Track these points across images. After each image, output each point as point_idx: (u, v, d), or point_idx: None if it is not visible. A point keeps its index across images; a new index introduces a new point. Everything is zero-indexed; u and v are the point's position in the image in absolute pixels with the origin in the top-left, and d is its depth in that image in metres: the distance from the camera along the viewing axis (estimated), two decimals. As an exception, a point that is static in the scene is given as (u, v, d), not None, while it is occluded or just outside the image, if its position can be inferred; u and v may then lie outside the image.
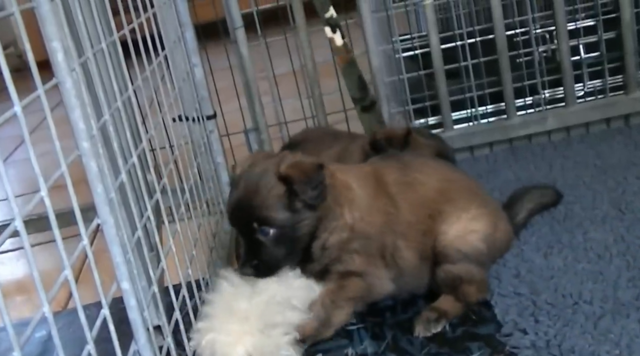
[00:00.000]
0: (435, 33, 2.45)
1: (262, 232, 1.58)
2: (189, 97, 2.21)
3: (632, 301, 1.53)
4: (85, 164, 1.06)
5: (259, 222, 1.57)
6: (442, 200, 1.68)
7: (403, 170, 1.72)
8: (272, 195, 1.56)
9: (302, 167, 1.58)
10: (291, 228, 1.58)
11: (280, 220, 1.57)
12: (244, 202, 1.60)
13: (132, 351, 1.14)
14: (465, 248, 1.63)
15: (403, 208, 1.67)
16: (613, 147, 2.37)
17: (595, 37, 2.59)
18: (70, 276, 0.92)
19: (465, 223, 1.64)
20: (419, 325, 1.59)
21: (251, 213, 1.58)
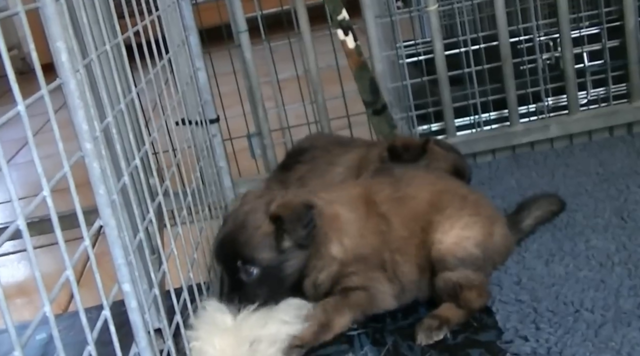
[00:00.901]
0: (439, 39, 2.45)
1: (245, 271, 1.60)
2: (192, 100, 2.22)
3: (633, 310, 1.52)
4: (88, 165, 1.06)
5: (243, 261, 1.60)
6: (433, 210, 1.68)
7: (394, 186, 1.74)
8: (259, 234, 1.59)
9: (292, 206, 1.61)
10: (276, 269, 1.60)
11: (265, 260, 1.59)
12: (229, 239, 1.63)
13: (133, 353, 1.14)
14: (460, 254, 1.62)
15: (395, 224, 1.68)
16: (615, 155, 2.37)
17: (599, 45, 2.59)
18: (71, 277, 0.92)
19: (458, 231, 1.64)
20: (420, 333, 1.58)
21: (236, 251, 1.61)
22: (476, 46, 2.56)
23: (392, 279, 1.67)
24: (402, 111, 2.59)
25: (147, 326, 1.14)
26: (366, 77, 2.23)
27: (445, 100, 2.51)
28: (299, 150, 2.26)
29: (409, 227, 1.68)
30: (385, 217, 1.69)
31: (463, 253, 1.63)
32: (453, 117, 2.53)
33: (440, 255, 1.63)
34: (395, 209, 1.70)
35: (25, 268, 2.47)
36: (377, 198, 1.71)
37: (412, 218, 1.68)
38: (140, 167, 1.41)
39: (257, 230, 1.59)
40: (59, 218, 0.93)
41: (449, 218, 1.66)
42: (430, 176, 1.82)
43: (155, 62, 1.69)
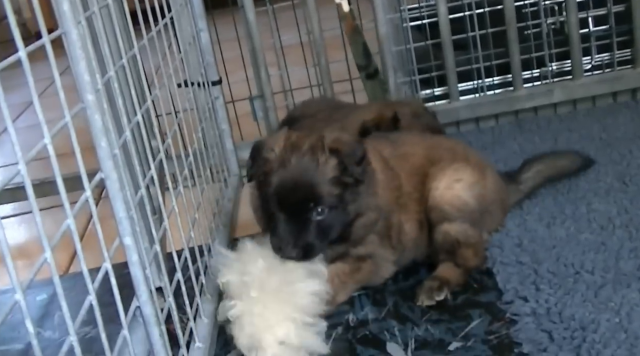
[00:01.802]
0: (443, 2, 2.42)
1: (317, 212, 1.54)
2: (195, 62, 2.21)
3: (633, 272, 1.53)
4: (90, 117, 1.06)
5: (316, 201, 1.53)
6: (428, 164, 1.72)
7: (393, 145, 1.76)
8: (327, 171, 1.53)
9: (346, 141, 1.58)
10: (343, 207, 1.56)
11: (335, 197, 1.54)
12: (298, 180, 1.54)
13: (134, 307, 1.14)
14: (456, 202, 1.65)
15: (402, 179, 1.69)
16: (619, 120, 2.36)
17: (604, 10, 2.57)
18: (72, 225, 0.92)
19: (450, 178, 1.67)
20: (422, 294, 1.59)
21: (309, 192, 1.54)
22: (480, 10, 2.54)
23: (395, 245, 1.68)
24: (405, 75, 2.57)
25: (147, 280, 1.14)
26: (359, 41, 2.23)
27: (448, 64, 2.49)
28: (289, 119, 2.26)
29: (411, 181, 1.70)
30: (395, 172, 1.69)
31: (458, 202, 1.65)
32: (456, 81, 2.51)
33: (435, 203, 1.66)
34: (400, 165, 1.71)
35: (25, 230, 2.48)
36: (385, 154, 1.71)
37: (413, 173, 1.70)
38: (142, 124, 1.40)
39: (324, 166, 1.53)
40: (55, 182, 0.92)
41: (442, 169, 1.69)
42: (420, 135, 1.86)
43: (158, 20, 1.68)
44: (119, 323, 1.10)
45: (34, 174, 0.87)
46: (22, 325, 1.75)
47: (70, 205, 0.94)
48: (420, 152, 1.74)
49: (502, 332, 1.44)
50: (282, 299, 1.49)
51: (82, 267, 0.93)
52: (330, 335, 1.54)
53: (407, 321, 1.54)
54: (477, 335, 1.44)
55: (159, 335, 1.15)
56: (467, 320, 1.50)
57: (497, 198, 1.76)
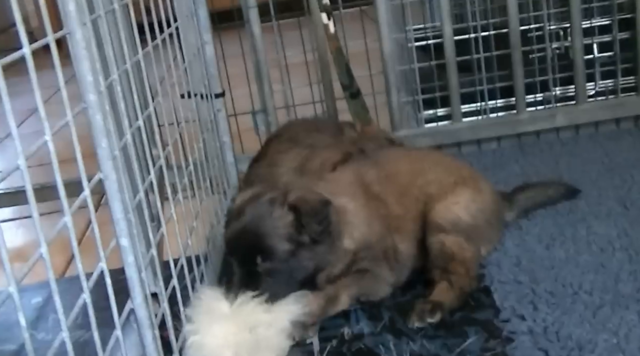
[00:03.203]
0: (449, 23, 2.44)
1: (263, 265, 1.55)
2: (198, 73, 2.21)
3: (632, 294, 1.52)
4: (91, 117, 1.06)
5: (263, 254, 1.55)
6: (416, 178, 1.73)
7: (377, 167, 1.76)
8: (280, 225, 1.55)
9: (309, 200, 1.59)
10: (294, 262, 1.57)
11: (285, 252, 1.55)
12: (248, 231, 1.57)
13: (128, 309, 1.13)
14: (450, 216, 1.67)
15: (390, 203, 1.70)
16: (621, 146, 2.36)
17: (609, 36, 2.58)
18: (69, 224, 0.91)
19: (449, 197, 1.69)
20: (414, 315, 1.57)
21: (256, 243, 1.56)
22: (486, 32, 2.55)
23: (392, 266, 1.68)
24: (408, 94, 2.58)
25: (143, 283, 1.13)
26: (342, 62, 2.25)
27: (452, 85, 2.50)
28: (270, 139, 2.29)
29: (402, 202, 1.70)
30: (380, 198, 1.70)
31: (453, 217, 1.67)
32: (459, 102, 2.52)
33: (432, 219, 1.68)
34: (386, 188, 1.71)
35: (23, 234, 2.48)
36: (367, 180, 1.72)
37: (403, 193, 1.71)
38: (144, 129, 1.40)
39: (278, 220, 1.55)
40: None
41: (433, 183, 1.71)
42: (403, 150, 1.90)
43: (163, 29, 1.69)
44: (113, 327, 1.09)
45: (34, 180, 0.86)
46: (16, 326, 1.74)
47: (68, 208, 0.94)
48: (405, 168, 1.75)
49: (498, 350, 1.42)
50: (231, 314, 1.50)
51: (77, 264, 0.92)
52: (324, 348, 1.53)
53: (402, 336, 1.53)
54: (473, 352, 1.43)
55: (152, 338, 1.14)
56: (463, 337, 1.49)
57: (495, 212, 1.77)
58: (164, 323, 1.35)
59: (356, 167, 1.77)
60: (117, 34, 1.39)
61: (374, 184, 1.71)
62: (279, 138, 2.24)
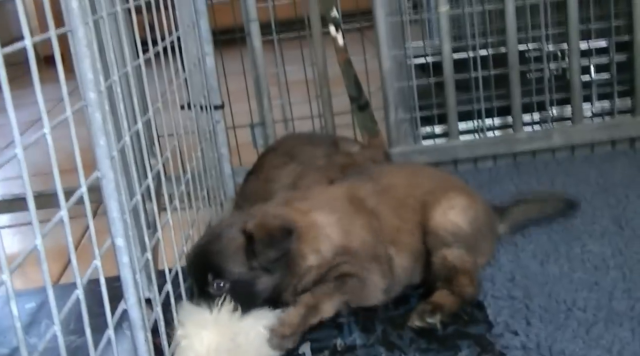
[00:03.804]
0: (448, 41, 2.45)
1: (215, 284, 1.55)
2: (199, 85, 2.22)
3: (626, 312, 1.51)
4: (90, 115, 1.06)
5: (214, 274, 1.55)
6: (413, 191, 1.73)
7: (371, 181, 1.77)
8: (231, 247, 1.56)
9: (269, 228, 1.58)
10: (247, 284, 1.56)
11: (235, 274, 1.55)
12: (201, 250, 1.59)
13: (121, 310, 1.13)
14: (449, 226, 1.67)
15: (385, 216, 1.70)
16: (616, 167, 2.37)
17: (606, 58, 2.59)
18: (65, 218, 0.91)
19: (444, 204, 1.70)
20: (414, 315, 1.58)
21: (207, 262, 1.57)
22: (484, 52, 2.56)
23: (385, 273, 1.67)
24: (406, 111, 2.59)
25: (136, 284, 1.13)
26: (351, 74, 2.26)
27: (450, 103, 2.51)
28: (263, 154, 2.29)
29: (399, 215, 1.70)
30: (374, 212, 1.70)
31: (453, 227, 1.67)
32: (457, 120, 2.53)
33: (431, 229, 1.68)
34: (381, 201, 1.71)
35: (20, 242, 2.47)
36: (361, 194, 1.72)
37: (399, 206, 1.71)
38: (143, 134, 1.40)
39: (230, 242, 1.56)
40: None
41: (436, 198, 1.71)
42: (398, 165, 1.93)
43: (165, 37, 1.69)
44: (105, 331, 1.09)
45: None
46: (9, 330, 1.75)
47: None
48: (401, 182, 1.76)
49: (491, 364, 1.43)
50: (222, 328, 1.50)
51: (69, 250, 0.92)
52: (316, 358, 1.53)
53: (395, 348, 1.52)
54: (466, 365, 1.43)
55: (144, 340, 1.14)
56: (456, 350, 1.48)
57: (488, 222, 1.77)
58: (157, 330, 1.35)
59: (351, 182, 1.77)
60: (118, 37, 1.40)
61: (369, 198, 1.72)
62: (274, 152, 2.25)
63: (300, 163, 2.10)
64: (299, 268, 1.60)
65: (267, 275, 1.56)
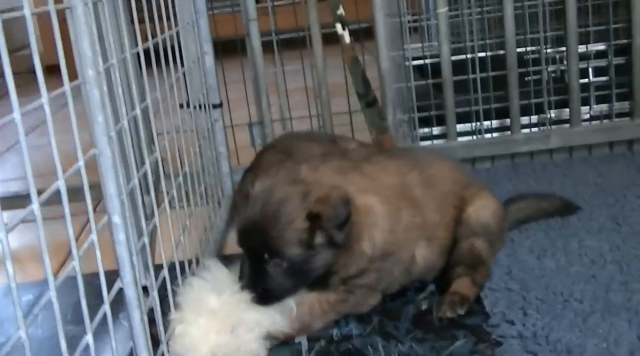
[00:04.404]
0: (446, 43, 2.46)
1: (273, 264, 1.49)
2: (198, 84, 2.23)
3: (623, 303, 1.51)
4: (89, 93, 1.06)
5: (271, 254, 1.48)
6: (460, 188, 1.72)
7: (419, 168, 1.70)
8: (292, 230, 1.46)
9: (331, 202, 1.47)
10: (305, 263, 1.49)
11: (295, 256, 1.47)
12: (259, 228, 1.49)
13: (117, 288, 1.13)
14: (482, 221, 1.68)
15: (429, 210, 1.64)
16: (615, 169, 2.37)
17: (605, 61, 2.60)
18: (63, 188, 0.91)
19: (479, 202, 1.71)
20: (444, 305, 1.57)
21: (265, 242, 1.48)
22: (483, 53, 2.57)
23: (397, 277, 1.63)
24: (404, 113, 2.59)
25: (133, 262, 1.13)
26: (358, 71, 2.26)
27: (448, 104, 2.51)
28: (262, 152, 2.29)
29: (441, 210, 1.66)
30: (419, 204, 1.62)
31: (485, 222, 1.68)
32: (455, 121, 2.53)
33: (465, 222, 1.69)
34: (427, 194, 1.65)
35: (18, 238, 2.47)
36: (409, 182, 1.64)
37: (443, 200, 1.68)
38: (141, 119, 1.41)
39: (291, 225, 1.46)
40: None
41: (473, 194, 1.72)
42: (431, 154, 1.89)
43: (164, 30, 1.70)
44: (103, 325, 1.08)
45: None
46: (6, 321, 1.75)
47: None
48: (447, 175, 1.73)
49: (488, 353, 1.42)
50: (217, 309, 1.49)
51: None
52: (312, 348, 1.52)
53: (391, 338, 1.52)
54: (462, 354, 1.43)
55: (140, 319, 1.13)
56: (452, 340, 1.48)
57: (505, 219, 1.80)
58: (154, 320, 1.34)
59: (398, 165, 1.68)
60: (117, 23, 1.40)
61: (416, 188, 1.64)
62: (272, 150, 2.25)
63: (297, 161, 2.10)
64: (357, 248, 1.53)
65: (325, 253, 1.49)
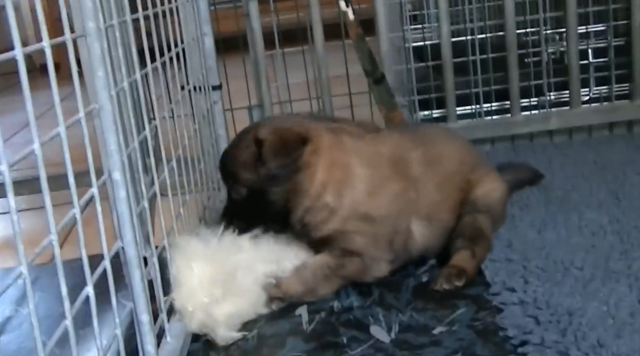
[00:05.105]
0: (446, 23, 2.46)
1: (235, 192, 1.63)
2: (196, 64, 2.22)
3: (623, 270, 1.51)
4: (89, 45, 1.06)
5: (233, 179, 1.62)
6: (468, 169, 1.73)
7: (423, 145, 1.71)
8: (244, 154, 1.59)
9: (282, 134, 1.57)
10: (260, 192, 1.59)
11: (248, 181, 1.59)
12: (224, 156, 1.67)
13: (117, 247, 1.12)
14: (487, 201, 1.70)
15: (428, 189, 1.66)
16: (614, 149, 2.37)
17: (604, 42, 2.60)
18: (64, 138, 0.91)
19: (488, 184, 1.73)
20: (441, 278, 1.56)
21: (227, 169, 1.64)
22: (482, 35, 2.57)
23: (396, 248, 1.63)
24: (404, 95, 2.59)
25: (133, 220, 1.12)
26: (364, 48, 2.25)
27: (448, 86, 2.51)
28: None
29: (443, 190, 1.68)
30: (416, 182, 1.65)
31: (489, 204, 1.70)
32: (455, 103, 2.53)
33: (470, 201, 1.70)
34: (428, 172, 1.67)
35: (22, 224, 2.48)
36: (409, 158, 1.66)
37: (447, 180, 1.69)
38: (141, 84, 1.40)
39: (243, 150, 1.60)
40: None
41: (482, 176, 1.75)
42: (447, 132, 1.91)
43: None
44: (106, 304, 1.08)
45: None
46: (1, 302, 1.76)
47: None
48: (453, 155, 1.74)
49: (488, 319, 1.42)
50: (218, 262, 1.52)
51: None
52: (313, 319, 1.52)
53: (392, 308, 1.52)
54: (462, 321, 1.42)
55: (140, 278, 1.13)
56: (453, 309, 1.48)
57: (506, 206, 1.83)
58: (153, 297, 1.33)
59: (401, 141, 1.70)
60: None
61: (416, 165, 1.66)
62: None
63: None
64: (309, 195, 1.57)
65: (277, 185, 1.57)
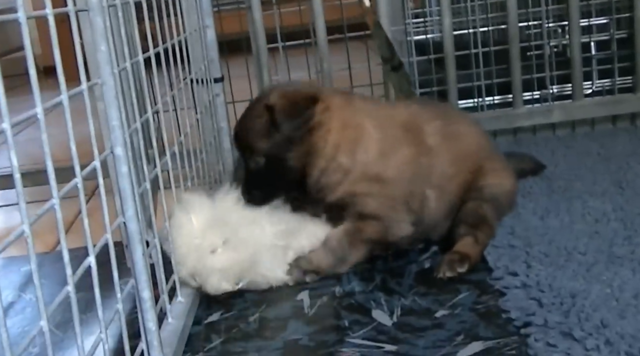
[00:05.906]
0: (448, 15, 2.46)
1: (253, 162, 1.61)
2: (199, 55, 2.21)
3: (626, 255, 1.50)
4: (92, 20, 1.05)
5: (249, 150, 1.61)
6: (482, 156, 1.75)
7: (443, 119, 1.74)
8: (257, 124, 1.59)
9: (291, 97, 1.59)
10: (278, 159, 1.59)
11: (264, 149, 1.59)
12: (238, 128, 1.66)
13: (118, 222, 1.12)
14: (494, 191, 1.70)
15: (442, 159, 1.68)
16: (617, 142, 2.36)
17: (607, 35, 2.60)
18: (66, 109, 0.91)
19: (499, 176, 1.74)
20: (443, 265, 1.55)
21: (242, 140, 1.64)
22: (484, 28, 2.57)
23: (414, 210, 1.65)
24: (406, 88, 2.58)
25: (135, 195, 1.12)
26: (382, 35, 2.24)
27: (450, 79, 2.51)
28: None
29: (458, 165, 1.70)
30: (431, 150, 1.67)
31: (495, 194, 1.70)
32: (457, 97, 2.52)
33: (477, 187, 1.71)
34: (445, 144, 1.69)
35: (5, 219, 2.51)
36: (424, 127, 1.70)
37: (462, 157, 1.71)
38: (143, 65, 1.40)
39: (255, 120, 1.60)
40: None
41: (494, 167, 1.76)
42: (465, 115, 1.96)
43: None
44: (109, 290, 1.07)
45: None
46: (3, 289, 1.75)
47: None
48: (474, 138, 1.76)
49: (491, 303, 1.41)
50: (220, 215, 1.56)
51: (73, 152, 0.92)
52: (315, 303, 1.51)
53: (394, 293, 1.51)
54: (465, 304, 1.42)
55: (142, 253, 1.12)
56: (456, 293, 1.47)
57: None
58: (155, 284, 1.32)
59: (419, 111, 1.74)
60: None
61: (432, 135, 1.69)
62: None
63: None
64: (324, 154, 1.60)
65: (293, 150, 1.58)
